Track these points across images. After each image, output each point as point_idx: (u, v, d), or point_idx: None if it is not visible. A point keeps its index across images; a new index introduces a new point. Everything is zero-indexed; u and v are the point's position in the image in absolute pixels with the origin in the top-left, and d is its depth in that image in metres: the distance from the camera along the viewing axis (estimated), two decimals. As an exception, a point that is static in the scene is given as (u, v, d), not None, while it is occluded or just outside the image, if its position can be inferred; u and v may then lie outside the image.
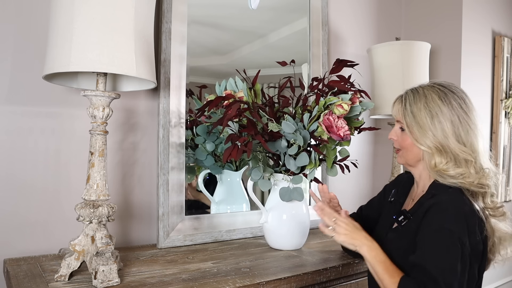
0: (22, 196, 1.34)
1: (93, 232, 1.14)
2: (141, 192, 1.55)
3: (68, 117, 1.41)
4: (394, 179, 1.45)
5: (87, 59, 1.04)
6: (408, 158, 1.20)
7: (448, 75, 2.24)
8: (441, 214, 1.03)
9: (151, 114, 1.57)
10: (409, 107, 1.16)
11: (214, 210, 1.70)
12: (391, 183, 1.44)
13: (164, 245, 1.48)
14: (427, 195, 1.14)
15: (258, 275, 1.21)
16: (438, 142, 1.10)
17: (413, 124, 1.14)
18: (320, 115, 1.39)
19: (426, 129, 1.12)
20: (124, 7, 1.08)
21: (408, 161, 1.21)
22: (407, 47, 1.91)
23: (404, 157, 1.22)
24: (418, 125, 1.13)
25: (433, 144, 1.11)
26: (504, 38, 2.42)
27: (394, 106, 1.23)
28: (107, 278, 1.08)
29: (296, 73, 1.65)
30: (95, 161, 1.15)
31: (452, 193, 1.08)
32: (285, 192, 1.43)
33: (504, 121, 2.49)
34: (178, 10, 1.54)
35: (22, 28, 1.34)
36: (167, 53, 1.51)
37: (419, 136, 1.13)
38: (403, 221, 1.16)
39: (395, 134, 1.23)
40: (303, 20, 1.94)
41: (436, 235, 1.01)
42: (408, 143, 1.18)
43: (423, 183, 1.21)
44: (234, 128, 1.44)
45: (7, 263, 1.25)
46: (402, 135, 1.20)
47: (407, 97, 1.18)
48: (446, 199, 1.06)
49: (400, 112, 1.19)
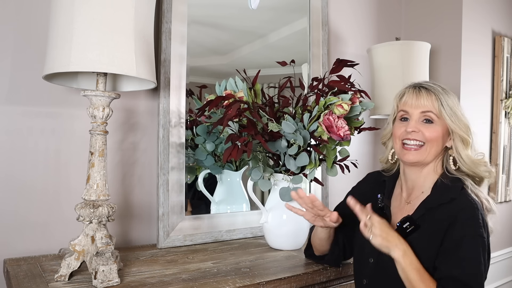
0: (22, 196, 1.34)
1: (93, 232, 1.14)
2: (141, 192, 1.55)
3: (68, 117, 1.41)
4: (366, 181, 1.34)
5: (87, 59, 1.04)
6: (432, 153, 1.11)
7: (448, 75, 2.24)
8: (471, 221, 1.01)
9: (151, 114, 1.57)
10: (443, 97, 1.10)
11: (214, 210, 1.70)
12: (363, 185, 1.33)
13: (164, 245, 1.48)
14: (438, 199, 1.08)
15: (258, 275, 1.21)
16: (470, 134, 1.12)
17: (453, 115, 1.09)
18: (320, 115, 1.39)
19: (465, 120, 1.11)
20: (124, 7, 1.08)
21: (429, 157, 1.11)
22: (407, 47, 1.91)
23: (427, 152, 1.11)
24: (457, 116, 1.10)
25: (469, 136, 1.11)
26: (504, 38, 2.42)
27: (419, 98, 1.11)
28: (107, 278, 1.08)
29: (296, 73, 1.65)
30: (95, 161, 1.15)
31: (469, 195, 1.06)
32: (285, 192, 1.43)
33: (504, 121, 2.49)
34: (178, 10, 1.54)
35: (22, 28, 1.34)
36: (167, 53, 1.51)
37: (462, 127, 1.10)
38: (408, 227, 1.07)
39: (415, 127, 1.11)
40: (303, 20, 1.94)
41: (471, 243, 0.99)
42: (438, 136, 1.10)
43: (423, 183, 1.15)
44: (234, 128, 1.44)
45: (7, 263, 1.25)
46: (429, 127, 1.10)
47: (433, 88, 1.12)
48: (469, 204, 1.03)
49: (434, 102, 1.09)
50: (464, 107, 1.17)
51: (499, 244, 2.55)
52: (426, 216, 1.07)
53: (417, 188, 1.16)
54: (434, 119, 1.10)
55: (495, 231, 1.10)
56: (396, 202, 1.20)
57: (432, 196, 1.10)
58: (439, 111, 1.09)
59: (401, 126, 1.14)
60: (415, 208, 1.11)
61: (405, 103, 1.14)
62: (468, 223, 1.01)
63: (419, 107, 1.11)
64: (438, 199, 1.08)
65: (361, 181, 1.36)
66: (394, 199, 1.21)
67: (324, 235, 1.25)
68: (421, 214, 1.08)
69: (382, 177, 1.27)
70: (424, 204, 1.10)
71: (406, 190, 1.19)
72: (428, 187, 1.13)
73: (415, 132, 1.10)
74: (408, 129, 1.11)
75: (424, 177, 1.15)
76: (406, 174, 1.18)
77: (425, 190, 1.14)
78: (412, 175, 1.16)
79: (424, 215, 1.08)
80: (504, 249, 2.59)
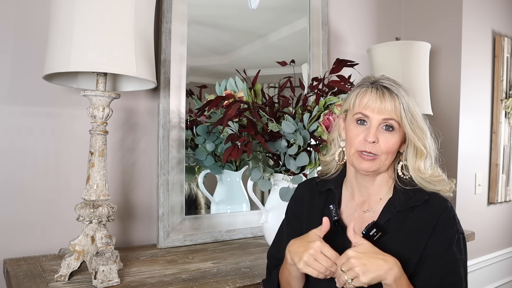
0: (22, 196, 1.34)
1: (93, 232, 1.14)
2: (141, 192, 1.55)
3: (68, 117, 1.41)
4: (298, 196, 1.16)
5: (87, 59, 1.04)
6: (387, 164, 1.01)
7: (448, 75, 2.24)
8: (453, 221, 0.98)
9: (151, 114, 1.57)
10: (405, 100, 0.98)
11: (214, 210, 1.70)
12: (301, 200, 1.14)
13: (164, 245, 1.48)
14: (407, 201, 0.99)
15: (258, 275, 1.21)
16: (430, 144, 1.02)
17: (413, 122, 0.98)
18: (320, 115, 1.39)
19: (425, 128, 1.01)
20: (124, 7, 1.08)
21: (384, 167, 1.01)
22: (407, 47, 1.91)
23: (382, 163, 1.00)
24: (417, 123, 0.99)
25: (429, 145, 1.01)
26: (504, 38, 2.42)
27: (383, 102, 0.98)
28: (107, 278, 1.08)
29: (296, 73, 1.65)
30: (95, 161, 1.15)
31: (440, 195, 1.01)
32: (285, 192, 1.43)
33: (504, 121, 2.48)
34: (178, 10, 1.54)
35: (22, 28, 1.34)
36: (167, 53, 1.51)
37: (421, 137, 0.99)
38: (375, 235, 0.95)
39: (375, 136, 0.98)
40: (303, 20, 1.94)
41: (458, 245, 0.96)
42: (396, 146, 1.00)
43: (379, 190, 1.04)
44: (234, 128, 1.44)
45: (7, 263, 1.24)
46: (389, 138, 0.98)
47: (395, 89, 0.99)
48: (445, 203, 0.98)
49: (397, 106, 0.97)
50: (464, 107, 1.12)
51: (499, 244, 2.55)
52: (392, 221, 0.98)
53: (373, 195, 1.05)
54: (394, 126, 0.98)
55: (495, 231, 1.09)
56: (348, 211, 1.07)
57: (396, 199, 1.00)
58: (400, 117, 0.97)
59: (359, 132, 1.00)
60: (377, 215, 1.01)
61: (366, 106, 0.99)
62: (452, 223, 0.97)
63: (382, 113, 0.97)
64: (407, 202, 0.99)
65: (296, 196, 1.17)
66: (344, 208, 1.08)
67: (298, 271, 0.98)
68: (387, 219, 0.99)
69: (323, 185, 1.11)
70: (389, 208, 1.00)
71: (359, 197, 1.07)
72: (385, 193, 1.04)
73: (374, 144, 0.98)
74: (368, 138, 0.97)
75: (379, 183, 1.04)
76: (360, 181, 1.05)
77: (383, 196, 1.04)
78: (366, 182, 1.04)
79: (390, 219, 0.99)
80: (504, 249, 2.59)
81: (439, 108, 2.23)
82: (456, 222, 0.98)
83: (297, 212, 1.14)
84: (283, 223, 1.18)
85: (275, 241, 1.17)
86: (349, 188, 1.09)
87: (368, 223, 0.98)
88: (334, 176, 1.12)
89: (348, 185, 1.09)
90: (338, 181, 1.10)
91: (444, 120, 2.22)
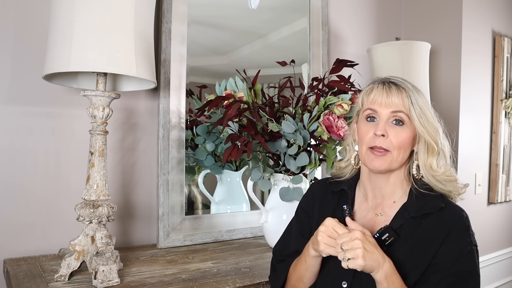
0: (22, 196, 1.34)
1: (93, 232, 1.14)
2: (141, 192, 1.55)
3: (68, 117, 1.41)
4: (310, 194, 1.15)
5: (87, 59, 1.04)
6: (399, 160, 0.99)
7: (448, 75, 2.24)
8: (467, 231, 0.96)
9: (151, 114, 1.57)
10: (413, 95, 0.98)
11: (214, 210, 1.70)
12: (313, 198, 1.13)
13: (164, 245, 1.48)
14: (421, 208, 0.98)
15: (258, 275, 1.21)
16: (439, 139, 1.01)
17: (422, 116, 0.97)
18: (320, 115, 1.39)
19: (436, 124, 1.00)
20: (124, 7, 1.08)
21: (397, 164, 0.99)
22: (407, 47, 1.91)
23: (394, 160, 0.98)
24: (426, 117, 0.98)
25: (441, 143, 1.00)
26: (504, 38, 2.42)
27: (389, 95, 0.98)
28: (107, 278, 1.08)
29: (296, 73, 1.65)
30: (95, 161, 1.15)
31: (451, 201, 1.01)
32: (285, 192, 1.43)
33: (504, 121, 2.48)
34: (178, 10, 1.54)
35: (22, 28, 1.34)
36: (167, 53, 1.51)
37: (431, 132, 0.98)
38: (387, 239, 0.95)
39: (384, 130, 0.97)
40: (303, 20, 1.94)
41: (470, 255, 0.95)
42: (407, 141, 0.98)
43: (393, 192, 1.03)
44: (234, 128, 1.44)
45: (7, 263, 1.24)
46: (399, 132, 0.97)
47: (403, 84, 1.00)
48: (460, 213, 0.97)
49: (405, 100, 0.97)
50: (464, 107, 1.12)
51: (499, 244, 2.55)
52: (405, 226, 0.97)
53: (387, 198, 1.03)
54: (404, 120, 0.98)
55: (495, 231, 1.09)
56: (361, 213, 1.06)
57: (411, 204, 0.99)
58: (409, 110, 0.97)
59: (369, 128, 1.00)
60: (390, 219, 0.99)
61: (373, 101, 0.99)
62: (466, 234, 0.96)
63: (389, 106, 0.97)
64: (421, 208, 0.97)
65: (308, 194, 1.17)
66: (357, 210, 1.07)
67: (317, 263, 1.00)
68: (400, 224, 0.97)
69: (337, 186, 1.10)
70: (403, 213, 0.98)
71: (373, 200, 1.05)
72: (400, 196, 1.02)
73: (383, 138, 0.97)
74: (377, 132, 0.97)
75: (393, 185, 1.02)
76: (373, 181, 1.04)
77: (397, 199, 1.02)
78: (380, 182, 1.03)
79: (402, 225, 0.97)
80: (504, 249, 2.59)
81: (439, 108, 2.22)
82: (470, 233, 0.97)
83: (308, 210, 1.13)
84: (293, 220, 1.18)
85: (282, 238, 1.17)
86: (363, 190, 1.08)
87: (380, 226, 0.98)
88: (347, 179, 1.11)
89: (362, 187, 1.08)
90: (352, 183, 1.10)
91: (444, 120, 2.21)
